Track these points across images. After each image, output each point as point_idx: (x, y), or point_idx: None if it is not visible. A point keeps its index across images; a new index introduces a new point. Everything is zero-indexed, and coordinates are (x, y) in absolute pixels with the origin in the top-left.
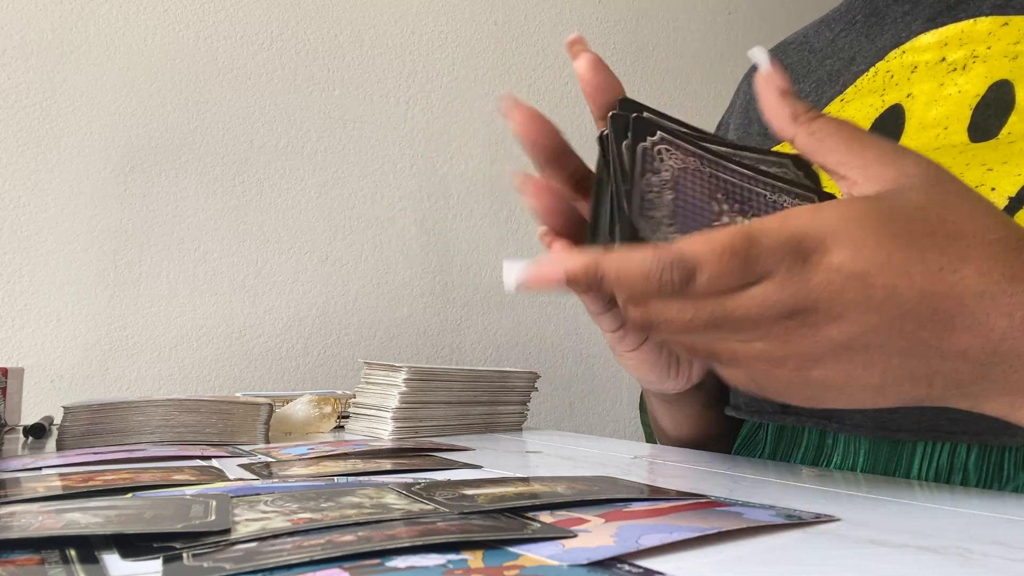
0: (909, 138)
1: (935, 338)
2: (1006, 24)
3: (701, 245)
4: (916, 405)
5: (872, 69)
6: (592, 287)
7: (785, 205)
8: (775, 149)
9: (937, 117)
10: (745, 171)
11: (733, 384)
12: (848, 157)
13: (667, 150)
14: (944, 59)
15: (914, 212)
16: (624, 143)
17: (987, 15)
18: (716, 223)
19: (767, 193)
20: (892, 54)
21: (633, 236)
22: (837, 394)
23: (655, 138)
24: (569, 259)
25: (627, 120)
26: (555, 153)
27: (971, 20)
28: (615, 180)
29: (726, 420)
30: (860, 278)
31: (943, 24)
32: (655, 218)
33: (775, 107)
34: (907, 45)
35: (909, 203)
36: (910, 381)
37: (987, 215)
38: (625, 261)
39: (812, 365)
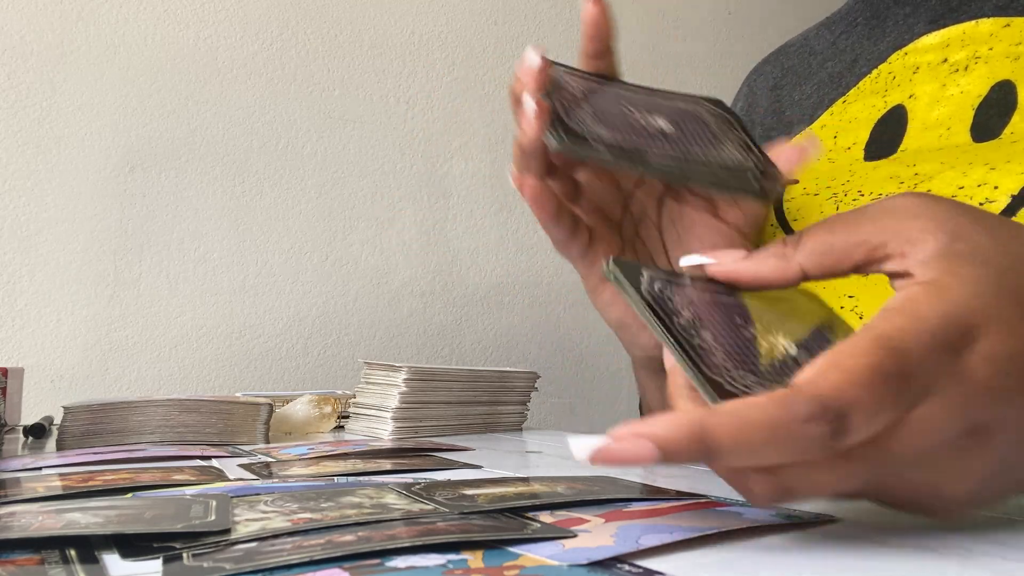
0: (912, 139)
1: None
2: (1008, 25)
3: (839, 376)
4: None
5: (874, 71)
6: (699, 459)
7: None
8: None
9: (940, 118)
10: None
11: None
12: (870, 239)
13: (667, 288)
14: (946, 60)
15: (1002, 257)
16: (631, 296)
17: (989, 16)
18: (751, 343)
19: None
20: (894, 56)
21: (723, 393)
22: (996, 500)
23: (646, 282)
24: (661, 427)
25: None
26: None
27: (973, 21)
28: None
29: None
30: (1011, 360)
31: (945, 25)
32: (719, 364)
33: (757, 269)
34: (909, 47)
35: (988, 249)
36: None
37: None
38: (741, 420)
39: (987, 485)
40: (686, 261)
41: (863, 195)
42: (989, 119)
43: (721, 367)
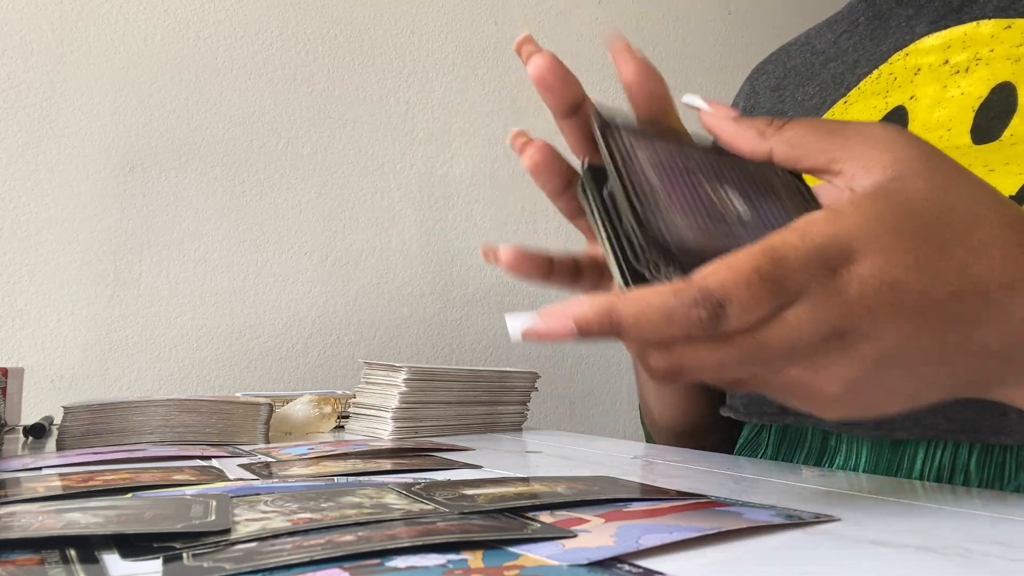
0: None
1: (962, 338)
2: (1009, 27)
3: (725, 274)
4: (939, 402)
5: (875, 71)
6: (607, 336)
7: (775, 184)
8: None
9: (940, 119)
10: (704, 149)
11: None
12: (835, 152)
13: (635, 142)
14: (947, 61)
15: (925, 203)
16: (603, 145)
17: (990, 18)
18: (713, 198)
19: (736, 165)
20: (895, 56)
21: (652, 239)
22: (872, 409)
23: (621, 134)
24: (579, 307)
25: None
26: (572, 104)
27: (974, 23)
28: (622, 185)
29: (717, 407)
30: (891, 287)
31: (946, 27)
32: (652, 203)
33: (736, 133)
34: (910, 47)
35: (917, 192)
36: (941, 383)
37: (988, 194)
38: (643, 303)
39: (852, 388)
40: (688, 100)
41: None
42: (989, 121)
43: (649, 259)
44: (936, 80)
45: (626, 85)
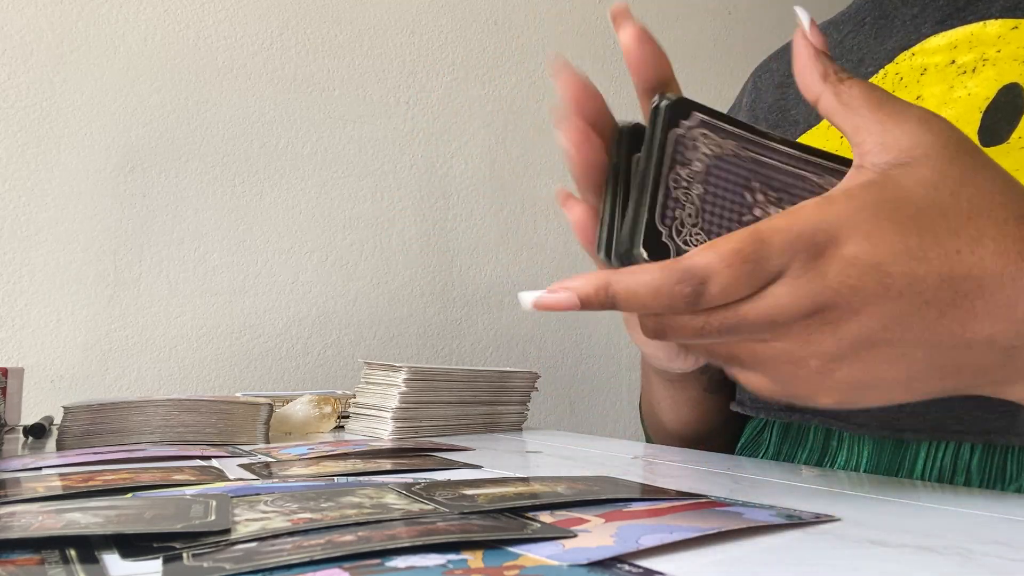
0: None
1: (959, 326)
2: (1016, 27)
3: (709, 254)
4: (945, 396)
5: (881, 71)
6: (605, 307)
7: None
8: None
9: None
10: (791, 151)
11: (756, 391)
12: (868, 123)
13: (704, 135)
14: (954, 61)
15: (926, 191)
16: (656, 131)
17: (997, 18)
18: (746, 217)
19: (813, 177)
20: (901, 56)
21: (654, 241)
22: (864, 393)
23: (690, 122)
24: (579, 281)
25: (662, 108)
26: (599, 122)
27: (980, 23)
28: (644, 179)
29: (726, 411)
30: (876, 268)
31: (952, 26)
32: (678, 218)
33: (807, 65)
34: (916, 47)
35: (921, 180)
36: (938, 373)
37: (1004, 191)
38: (635, 280)
39: (836, 364)
40: (797, 10)
41: None
42: (996, 122)
43: (683, 220)
44: (943, 80)
45: (625, 51)
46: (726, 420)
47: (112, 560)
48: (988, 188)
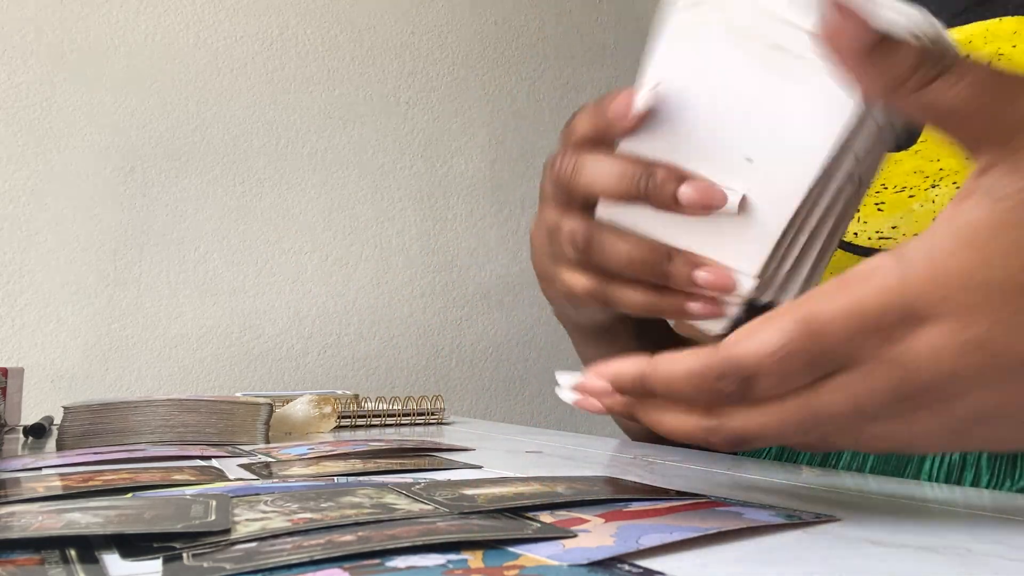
0: (932, 137)
1: None
2: None
3: (755, 349)
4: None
5: None
6: (647, 397)
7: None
8: None
9: None
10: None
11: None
12: (991, 124)
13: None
14: (969, 56)
15: (1011, 234)
16: None
17: (1012, 14)
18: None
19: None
20: None
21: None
22: (978, 447)
23: None
24: (616, 372)
25: None
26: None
27: (996, 19)
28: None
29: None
30: (979, 348)
31: (968, 21)
32: None
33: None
34: None
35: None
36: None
37: None
38: (672, 373)
39: (953, 440)
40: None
41: (886, 188)
42: None
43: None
44: None
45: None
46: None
47: (112, 560)
48: None
